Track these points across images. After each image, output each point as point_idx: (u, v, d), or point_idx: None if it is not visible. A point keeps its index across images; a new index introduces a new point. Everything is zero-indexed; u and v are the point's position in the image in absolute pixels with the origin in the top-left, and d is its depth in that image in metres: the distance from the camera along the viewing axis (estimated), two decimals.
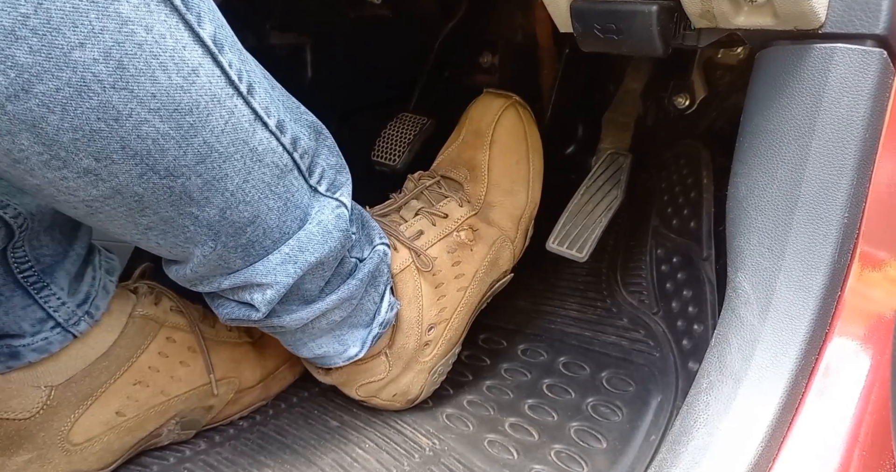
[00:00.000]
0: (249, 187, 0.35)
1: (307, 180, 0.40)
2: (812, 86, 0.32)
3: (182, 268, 0.39)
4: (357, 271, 0.46)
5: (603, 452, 0.50)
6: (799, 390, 0.33)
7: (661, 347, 0.57)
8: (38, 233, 0.43)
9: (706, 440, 0.33)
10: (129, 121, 0.29)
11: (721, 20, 0.33)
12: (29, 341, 0.43)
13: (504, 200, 0.57)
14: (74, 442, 0.46)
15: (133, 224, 0.34)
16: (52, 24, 0.25)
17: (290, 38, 0.77)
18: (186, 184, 0.32)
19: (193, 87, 0.30)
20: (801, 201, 0.33)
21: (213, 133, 0.32)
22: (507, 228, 0.58)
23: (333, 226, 0.41)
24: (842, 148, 0.32)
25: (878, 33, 0.30)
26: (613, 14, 0.35)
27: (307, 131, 0.39)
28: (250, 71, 0.34)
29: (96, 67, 0.27)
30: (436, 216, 0.54)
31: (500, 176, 0.57)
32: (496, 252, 0.57)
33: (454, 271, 0.54)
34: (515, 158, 0.58)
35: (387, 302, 0.49)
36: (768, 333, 0.34)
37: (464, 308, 0.55)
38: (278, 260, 0.40)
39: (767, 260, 0.34)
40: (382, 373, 0.53)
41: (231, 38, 0.33)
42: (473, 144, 0.58)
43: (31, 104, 0.26)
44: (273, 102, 0.36)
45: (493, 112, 0.58)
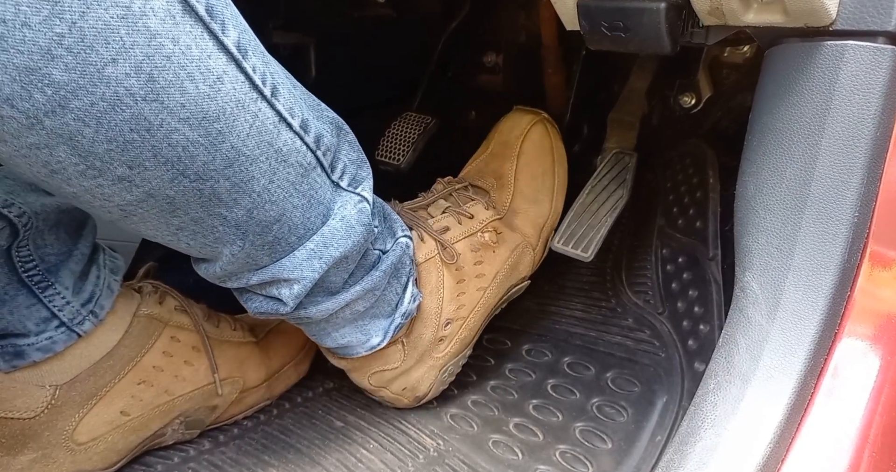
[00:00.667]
0: (275, 187, 0.36)
1: (329, 176, 0.41)
2: (822, 84, 0.32)
3: (211, 266, 0.40)
4: (380, 262, 0.47)
5: (608, 452, 0.50)
6: (808, 390, 0.33)
7: (666, 347, 0.56)
8: (43, 232, 0.43)
9: (714, 441, 0.33)
10: (161, 130, 0.30)
11: (730, 17, 0.33)
12: (33, 340, 0.43)
13: (528, 207, 0.60)
14: (79, 442, 0.46)
15: (165, 225, 0.35)
16: (86, 42, 0.26)
17: (293, 38, 0.77)
18: (215, 186, 0.34)
19: (219, 94, 0.31)
20: (810, 200, 0.33)
21: (239, 137, 0.33)
22: (529, 235, 0.59)
23: (356, 220, 0.42)
24: (852, 146, 0.31)
25: (889, 30, 0.30)
26: (621, 11, 0.35)
27: (329, 128, 0.40)
28: (273, 73, 0.35)
29: (128, 82, 0.28)
30: (462, 216, 0.56)
31: (525, 185, 0.60)
32: (517, 257, 0.58)
33: (476, 269, 0.55)
34: (541, 170, 0.61)
35: (409, 293, 0.51)
36: (777, 333, 0.33)
37: (481, 309, 0.56)
38: (304, 256, 0.41)
39: (776, 260, 0.34)
40: (397, 361, 0.53)
41: (254, 41, 0.33)
42: (501, 155, 0.61)
43: (68, 119, 0.27)
44: (296, 102, 0.37)
45: (521, 126, 0.61)
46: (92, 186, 0.31)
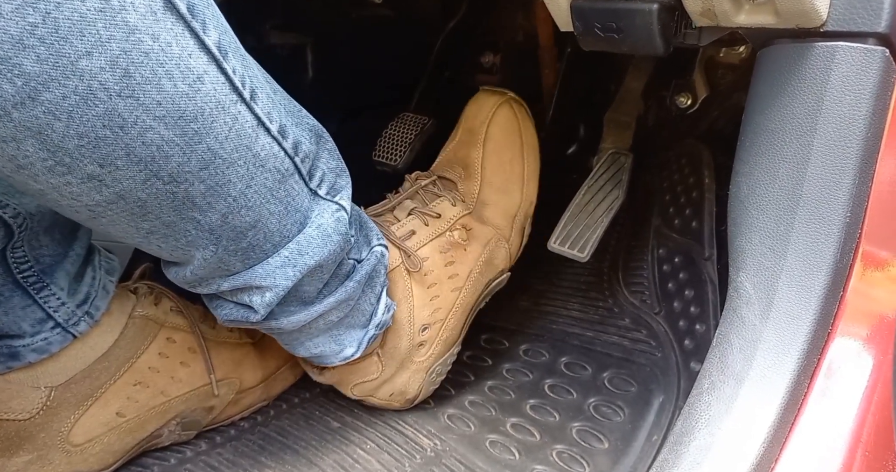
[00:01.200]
0: (252, 193, 0.36)
1: (307, 184, 0.40)
2: (814, 84, 0.32)
3: (181, 270, 0.39)
4: (355, 272, 0.46)
5: (605, 452, 0.50)
6: (801, 390, 0.33)
7: (662, 347, 0.56)
8: (38, 233, 0.43)
9: (708, 441, 0.33)
10: (135, 128, 0.29)
11: (722, 19, 0.33)
12: (29, 341, 0.43)
13: (497, 198, 0.57)
14: (74, 443, 0.46)
15: (135, 228, 0.34)
16: (60, 33, 0.25)
17: (291, 38, 0.77)
18: (190, 190, 0.33)
19: (198, 94, 0.30)
20: (802, 201, 0.33)
21: (216, 139, 0.32)
22: (501, 227, 0.57)
23: (333, 229, 0.42)
24: (844, 147, 0.32)
25: (880, 32, 0.30)
26: (614, 13, 0.35)
27: (308, 135, 0.40)
28: (253, 76, 0.34)
29: (103, 76, 0.27)
30: (428, 216, 0.54)
31: (492, 174, 0.57)
32: (491, 252, 0.56)
33: (447, 271, 0.53)
34: (509, 156, 0.58)
35: (383, 303, 0.50)
36: (770, 333, 0.33)
37: (459, 308, 0.55)
38: (278, 263, 0.40)
39: (769, 260, 0.34)
40: (375, 373, 0.53)
41: (234, 43, 0.33)
42: (468, 143, 0.58)
43: (38, 112, 0.27)
44: (275, 107, 0.36)
45: (487, 109, 0.58)
46: (60, 184, 0.30)
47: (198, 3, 0.30)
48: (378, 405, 0.56)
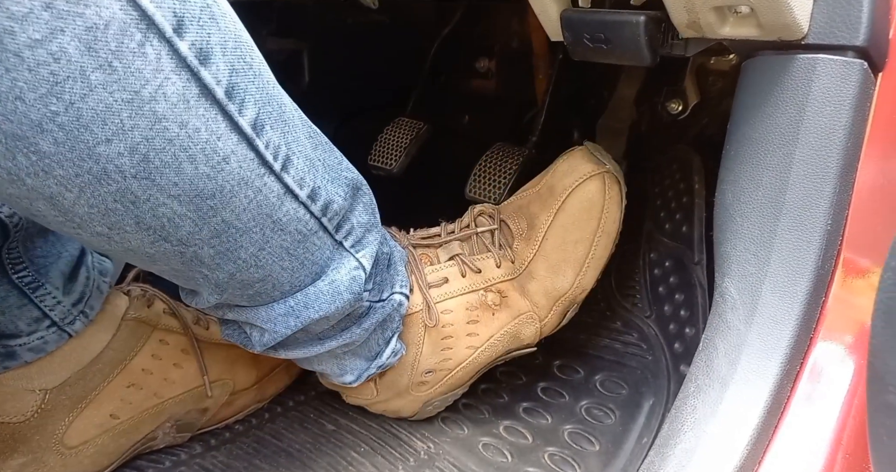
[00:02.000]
0: (265, 255, 0.35)
1: (333, 236, 0.39)
2: (796, 95, 0.33)
3: (191, 297, 0.40)
4: (367, 316, 0.45)
5: (596, 454, 0.51)
6: (784, 394, 0.33)
7: (653, 350, 0.57)
8: (33, 234, 0.43)
9: (693, 443, 0.33)
10: (147, 204, 0.29)
11: (707, 30, 0.34)
12: (25, 340, 0.43)
13: (546, 275, 0.52)
14: (69, 445, 0.46)
15: (146, 268, 0.35)
16: (82, 121, 0.25)
17: (287, 44, 0.78)
18: (199, 252, 0.33)
19: (221, 174, 0.30)
20: (785, 208, 0.34)
21: (233, 212, 0.32)
22: (539, 306, 0.52)
23: (346, 288, 0.41)
24: (825, 156, 0.32)
25: (858, 45, 0.31)
26: (602, 24, 0.36)
27: (343, 191, 0.39)
28: (291, 142, 0.34)
29: (120, 160, 0.27)
30: (468, 268, 0.50)
31: (552, 249, 0.51)
32: (519, 326, 0.52)
33: (468, 328, 0.50)
34: (576, 236, 0.51)
35: (391, 348, 0.49)
36: (754, 337, 0.34)
37: (470, 365, 0.52)
38: (281, 311, 0.40)
39: (753, 266, 0.35)
40: (369, 396, 0.54)
41: (276, 111, 0.32)
42: (543, 201, 0.52)
43: (50, 183, 0.26)
44: (311, 169, 0.35)
45: (576, 175, 0.51)
46: (72, 233, 0.30)
47: (240, 81, 0.29)
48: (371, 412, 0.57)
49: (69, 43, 0.24)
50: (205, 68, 0.28)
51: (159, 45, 0.26)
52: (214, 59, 0.28)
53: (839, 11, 0.31)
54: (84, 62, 0.24)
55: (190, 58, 0.27)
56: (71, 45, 0.24)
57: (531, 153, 0.69)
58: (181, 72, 0.27)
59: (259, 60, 0.31)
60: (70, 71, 0.24)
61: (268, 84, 0.32)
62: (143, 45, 0.25)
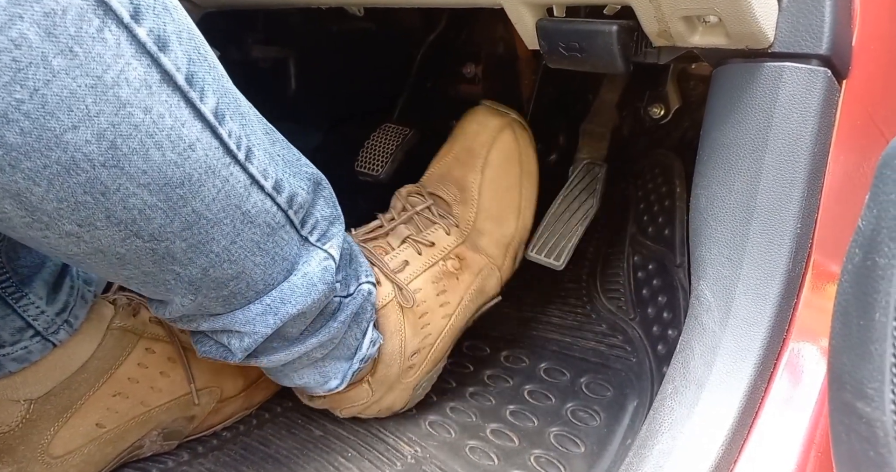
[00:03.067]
0: (236, 248, 0.35)
1: (298, 232, 0.40)
2: (764, 102, 0.34)
3: (162, 308, 0.40)
4: (340, 311, 0.46)
5: (581, 456, 0.51)
6: (758, 394, 0.34)
7: (637, 352, 0.58)
8: (15, 244, 0.43)
9: (670, 445, 0.34)
10: (117, 195, 0.29)
11: (678, 39, 0.35)
12: (9, 350, 0.43)
13: (493, 227, 0.56)
14: (55, 455, 0.46)
15: (114, 274, 0.34)
16: (47, 108, 0.25)
17: (273, 52, 0.78)
18: (170, 247, 0.33)
19: (188, 161, 0.30)
20: (756, 212, 0.34)
21: (203, 202, 0.32)
22: (494, 256, 0.56)
23: (319, 278, 0.41)
24: (793, 162, 0.33)
25: (821, 53, 0.32)
26: (576, 33, 0.37)
27: (305, 185, 0.39)
28: (250, 134, 0.34)
29: (87, 148, 0.27)
30: (422, 245, 0.53)
31: (490, 202, 0.56)
32: (483, 280, 0.56)
33: (439, 300, 0.53)
34: (507, 184, 0.56)
35: (369, 338, 0.49)
36: (728, 339, 0.35)
37: (448, 333, 0.55)
38: (258, 310, 0.40)
39: (727, 269, 0.35)
40: (365, 398, 0.53)
41: (234, 103, 0.33)
42: (466, 164, 0.56)
43: (17, 177, 0.26)
44: (272, 162, 0.36)
45: (489, 132, 0.56)
46: (38, 237, 0.30)
47: (198, 70, 0.30)
48: (363, 417, 0.57)
49: (28, 29, 0.24)
50: (164, 55, 0.28)
51: (118, 30, 0.26)
52: (172, 47, 0.28)
53: (802, 21, 0.32)
54: (45, 48, 0.24)
55: (149, 44, 0.27)
56: (31, 30, 0.24)
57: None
58: (141, 57, 0.27)
59: (211, 54, 0.32)
60: (32, 57, 0.24)
61: (222, 77, 0.32)
62: (101, 30, 0.26)
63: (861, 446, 0.21)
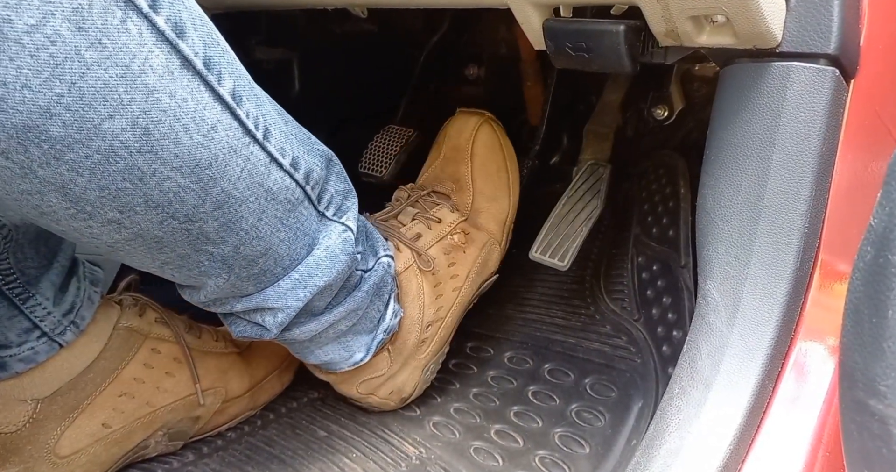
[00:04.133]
0: (263, 224, 0.37)
1: (316, 207, 0.42)
2: (772, 102, 0.34)
3: (196, 293, 0.41)
4: (362, 282, 0.48)
5: (586, 457, 0.51)
6: (766, 394, 0.34)
7: (642, 353, 0.58)
8: (23, 245, 0.43)
9: (678, 444, 0.34)
10: (153, 179, 0.31)
11: (685, 39, 0.35)
12: (15, 351, 0.44)
13: (489, 205, 0.62)
14: (61, 455, 0.46)
15: (151, 259, 0.36)
16: (85, 100, 0.27)
17: (277, 53, 0.78)
18: (204, 227, 0.34)
19: (213, 142, 0.32)
20: (764, 212, 0.34)
21: (230, 181, 0.34)
22: (494, 232, 0.62)
23: (340, 250, 0.43)
24: (801, 161, 0.33)
25: (830, 53, 0.32)
26: (583, 33, 0.37)
27: (319, 161, 0.41)
28: (266, 114, 0.36)
29: (124, 135, 0.28)
30: (431, 221, 0.58)
31: (483, 184, 0.62)
32: (486, 254, 0.61)
33: (450, 271, 0.57)
34: (495, 168, 0.62)
35: (391, 310, 0.52)
36: (736, 339, 0.35)
37: (457, 307, 0.58)
38: (288, 286, 0.42)
39: (734, 268, 0.35)
40: (384, 368, 0.55)
41: (249, 85, 0.35)
42: (455, 159, 0.62)
43: (62, 170, 0.28)
44: (287, 140, 0.38)
45: (469, 128, 0.63)
46: (81, 227, 0.31)
47: (214, 54, 0.31)
48: (375, 403, 0.57)
49: (61, 25, 0.25)
50: (182, 41, 0.29)
51: (139, 20, 0.28)
52: (189, 34, 0.30)
53: (810, 20, 0.32)
54: (77, 42, 0.26)
55: (168, 31, 0.29)
56: (63, 26, 0.25)
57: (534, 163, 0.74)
58: (162, 45, 0.29)
59: (223, 40, 0.33)
60: (67, 52, 0.26)
61: (235, 61, 0.34)
62: (124, 21, 0.27)
63: (874, 443, 0.21)
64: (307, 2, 0.56)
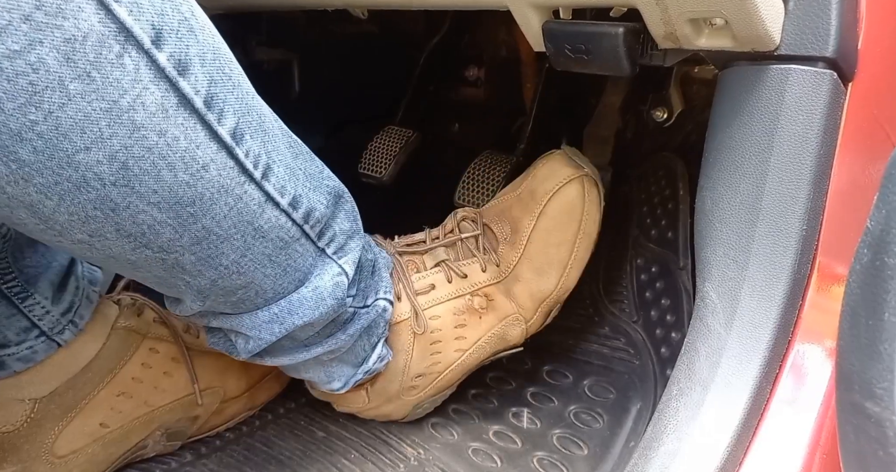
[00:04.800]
0: (246, 261, 0.36)
1: (315, 244, 0.40)
2: (770, 104, 0.34)
3: (175, 305, 0.40)
4: (353, 321, 0.45)
5: (584, 458, 0.51)
6: (764, 396, 0.34)
7: (640, 355, 0.58)
8: (21, 245, 0.43)
9: (676, 446, 0.34)
10: (126, 211, 0.29)
11: (684, 42, 0.35)
12: (14, 350, 0.43)
13: (531, 278, 0.53)
14: (59, 455, 0.46)
15: (129, 275, 0.35)
16: (61, 130, 0.25)
17: (277, 54, 0.78)
18: (180, 259, 0.33)
19: (200, 182, 0.30)
20: (762, 214, 0.34)
21: (214, 219, 0.32)
22: (525, 308, 0.53)
23: (329, 294, 0.41)
24: (799, 164, 0.33)
25: (828, 56, 0.32)
26: (582, 35, 0.37)
27: (325, 199, 0.39)
28: (271, 151, 0.34)
29: (99, 168, 0.27)
30: (454, 273, 0.51)
31: (536, 252, 0.53)
32: (505, 328, 0.53)
33: (456, 332, 0.51)
34: (558, 239, 0.52)
35: (377, 354, 0.49)
36: (734, 341, 0.35)
37: (459, 368, 0.53)
38: (265, 318, 0.40)
39: (732, 270, 0.36)
40: (361, 404, 0.54)
41: (256, 121, 0.33)
42: (525, 206, 0.53)
43: (30, 190, 0.27)
44: (291, 178, 0.36)
45: (557, 179, 0.52)
46: (52, 241, 0.30)
47: (219, 91, 0.30)
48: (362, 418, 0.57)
49: (48, 54, 0.24)
50: (183, 79, 0.28)
51: (138, 56, 0.26)
52: (193, 70, 0.28)
53: (808, 23, 0.32)
54: (62, 72, 0.25)
55: (168, 68, 0.27)
56: (49, 55, 0.24)
57: (519, 160, 0.70)
58: (160, 82, 0.27)
59: (238, 72, 0.32)
60: (48, 81, 0.24)
61: (247, 95, 0.32)
62: (121, 56, 0.26)
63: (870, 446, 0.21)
64: (308, 3, 0.56)
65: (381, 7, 0.52)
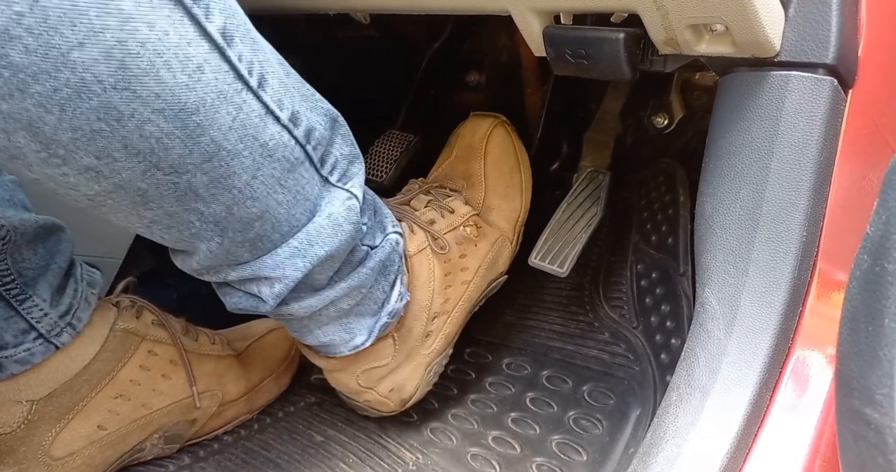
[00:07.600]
0: (258, 183, 0.34)
1: (319, 171, 0.39)
2: (770, 110, 0.34)
3: (188, 259, 0.39)
4: (368, 259, 0.45)
5: (583, 464, 0.51)
6: (763, 402, 0.34)
7: (640, 361, 0.58)
8: (21, 247, 0.43)
9: (675, 452, 0.34)
10: (132, 121, 0.28)
11: (684, 47, 0.35)
12: (11, 352, 0.43)
13: (501, 203, 0.61)
14: (55, 457, 0.46)
15: (137, 217, 0.33)
16: (49, 22, 0.24)
17: None
18: (192, 181, 0.32)
19: (199, 84, 0.29)
20: (762, 220, 0.34)
21: (220, 131, 0.31)
22: (505, 229, 0.61)
23: (344, 218, 0.40)
24: (799, 170, 0.33)
25: (828, 62, 0.32)
26: (583, 40, 0.37)
27: (322, 120, 0.38)
28: (263, 61, 0.33)
29: (97, 68, 0.26)
30: (444, 210, 0.56)
31: (495, 182, 0.61)
32: (497, 251, 0.59)
33: (461, 262, 0.56)
34: (508, 167, 0.62)
35: (397, 291, 0.49)
36: (734, 347, 0.35)
37: (464, 303, 0.57)
38: (287, 254, 0.39)
39: (732, 276, 0.35)
40: (388, 357, 0.52)
41: (243, 26, 0.31)
42: (467, 158, 0.62)
43: (27, 104, 0.25)
44: (287, 93, 0.34)
45: (483, 129, 0.63)
46: (55, 175, 0.29)
47: None
48: (374, 402, 0.55)
49: None
50: None
51: None
52: None
53: (809, 30, 0.32)
54: None
55: None
56: None
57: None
58: None
59: None
60: None
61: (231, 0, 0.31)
62: None
63: (870, 453, 0.21)
64: (309, 6, 0.56)
65: (383, 12, 0.52)
